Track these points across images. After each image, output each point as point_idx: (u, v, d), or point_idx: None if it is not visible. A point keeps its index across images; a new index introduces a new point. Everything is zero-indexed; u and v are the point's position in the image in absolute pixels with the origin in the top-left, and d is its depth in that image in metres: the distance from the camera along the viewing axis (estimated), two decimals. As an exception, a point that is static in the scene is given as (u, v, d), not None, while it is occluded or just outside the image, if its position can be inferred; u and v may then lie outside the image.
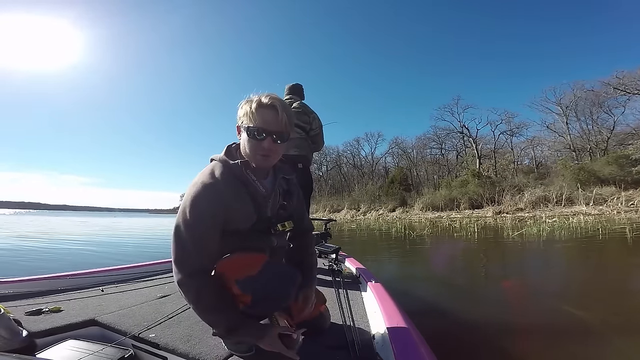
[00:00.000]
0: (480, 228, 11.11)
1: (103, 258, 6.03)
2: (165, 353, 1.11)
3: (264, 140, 1.02)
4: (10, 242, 8.86)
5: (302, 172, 2.59)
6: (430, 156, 40.47)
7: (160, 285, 2.02)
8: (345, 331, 1.21)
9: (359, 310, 1.52)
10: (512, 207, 21.21)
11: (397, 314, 1.29)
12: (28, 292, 1.73)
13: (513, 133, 33.75)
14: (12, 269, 4.51)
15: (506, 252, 6.38)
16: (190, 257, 0.96)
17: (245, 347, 1.05)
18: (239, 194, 1.04)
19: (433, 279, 4.11)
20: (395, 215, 26.96)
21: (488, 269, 4.90)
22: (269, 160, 1.07)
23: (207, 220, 0.98)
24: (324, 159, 49.31)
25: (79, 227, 17.30)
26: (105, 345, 1.13)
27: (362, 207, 32.78)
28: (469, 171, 29.70)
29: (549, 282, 3.82)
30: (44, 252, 6.84)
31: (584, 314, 2.46)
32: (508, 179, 26.97)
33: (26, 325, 1.21)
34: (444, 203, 25.80)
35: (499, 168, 31.91)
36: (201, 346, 1.10)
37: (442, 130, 38.24)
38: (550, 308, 2.69)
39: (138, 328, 1.24)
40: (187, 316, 1.38)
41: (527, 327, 2.27)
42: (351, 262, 2.63)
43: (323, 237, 3.50)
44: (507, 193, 22.61)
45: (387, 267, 5.13)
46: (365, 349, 1.09)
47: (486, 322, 2.38)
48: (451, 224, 14.25)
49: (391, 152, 44.06)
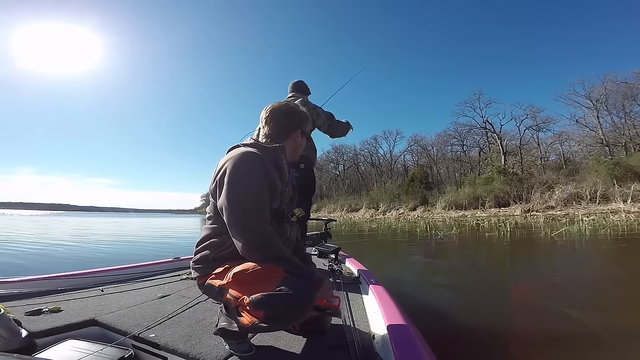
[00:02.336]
0: (512, 227, 10.59)
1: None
2: (165, 353, 1.12)
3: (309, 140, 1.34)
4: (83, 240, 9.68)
5: (305, 173, 2.61)
6: (451, 153, 39.66)
7: (160, 285, 2.04)
8: (345, 331, 1.23)
9: (359, 311, 1.55)
10: (541, 205, 20.26)
11: (397, 314, 1.31)
12: (28, 292, 1.75)
13: (539, 128, 32.51)
14: (13, 269, 4.62)
15: (555, 254, 6.02)
16: (259, 213, 1.06)
17: (245, 346, 1.07)
18: (274, 172, 1.14)
19: (480, 285, 3.84)
20: (416, 215, 26.44)
21: (536, 272, 4.56)
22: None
23: (259, 177, 1.09)
24: (341, 157, 49.06)
25: (119, 227, 18.25)
26: (105, 345, 1.14)
27: (381, 206, 32.37)
28: (494, 168, 28.83)
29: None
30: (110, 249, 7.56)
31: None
32: (536, 176, 25.79)
33: (26, 325, 1.22)
34: (468, 201, 25.03)
35: (525, 165, 30.59)
36: (201, 346, 1.12)
37: (463, 126, 37.52)
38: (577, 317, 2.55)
39: (138, 328, 1.26)
40: (187, 316, 1.41)
41: (534, 333, 2.25)
42: (351, 263, 2.64)
43: (323, 237, 3.45)
44: (536, 190, 21.59)
45: (419, 271, 4.86)
46: (365, 349, 1.11)
47: (489, 324, 2.40)
48: (479, 223, 13.72)
49: (410, 150, 43.50)
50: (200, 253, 1.17)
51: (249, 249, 1.03)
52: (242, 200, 1.05)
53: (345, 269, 2.43)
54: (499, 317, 2.60)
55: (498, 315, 2.65)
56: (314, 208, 43.38)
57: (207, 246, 1.16)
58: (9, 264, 5.34)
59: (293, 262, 1.06)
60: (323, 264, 2.58)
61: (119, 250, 7.65)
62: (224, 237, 1.11)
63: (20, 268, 4.66)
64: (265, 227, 1.06)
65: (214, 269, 1.10)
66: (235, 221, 1.05)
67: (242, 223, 1.05)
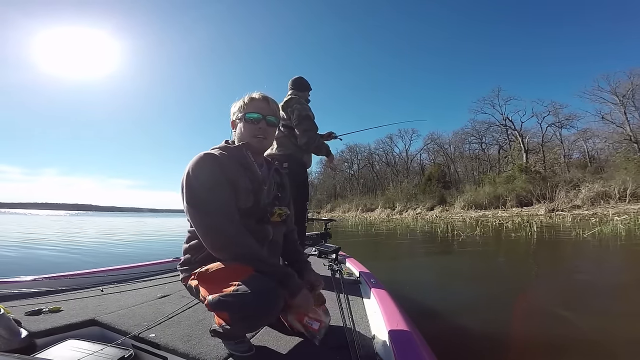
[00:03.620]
0: (539, 227, 10.27)
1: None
2: (165, 353, 1.14)
3: (259, 122, 1.22)
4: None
5: (291, 172, 2.35)
6: (469, 151, 38.92)
7: (160, 285, 2.05)
8: (345, 331, 1.24)
9: (359, 311, 1.55)
10: (567, 204, 19.57)
11: (397, 314, 1.31)
12: (28, 292, 1.77)
13: (562, 125, 31.42)
14: (13, 268, 4.69)
15: (589, 255, 5.81)
16: (218, 213, 1.05)
17: (244, 347, 1.08)
18: (239, 171, 1.13)
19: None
20: (434, 214, 26.06)
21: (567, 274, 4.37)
22: (264, 143, 1.25)
23: (215, 176, 1.07)
24: (355, 157, 48.83)
25: (146, 227, 18.92)
26: (105, 345, 1.15)
27: (397, 206, 32.02)
28: (516, 166, 28.04)
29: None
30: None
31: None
32: (559, 174, 24.92)
33: (26, 325, 1.24)
34: (488, 201, 24.47)
35: (548, 162, 29.62)
36: (201, 346, 1.13)
37: (481, 123, 36.70)
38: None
39: (138, 328, 1.27)
40: (187, 316, 1.42)
41: (546, 340, 2.19)
42: (351, 263, 2.66)
43: (323, 237, 3.46)
44: (560, 189, 20.87)
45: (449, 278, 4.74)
46: (365, 349, 1.11)
47: (491, 326, 2.39)
48: (502, 223, 13.37)
49: (427, 149, 42.85)
50: (184, 256, 1.21)
51: (214, 249, 1.06)
52: (199, 203, 1.07)
53: (345, 269, 2.45)
54: (507, 323, 2.55)
55: (507, 321, 2.60)
56: (328, 208, 43.32)
57: (188, 249, 1.19)
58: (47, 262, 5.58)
59: (263, 261, 1.06)
60: (323, 264, 2.58)
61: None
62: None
63: (21, 268, 4.73)
64: (226, 225, 1.05)
65: (196, 269, 1.13)
66: (197, 224, 1.08)
67: (204, 225, 1.06)
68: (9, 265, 5.29)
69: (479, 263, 5.66)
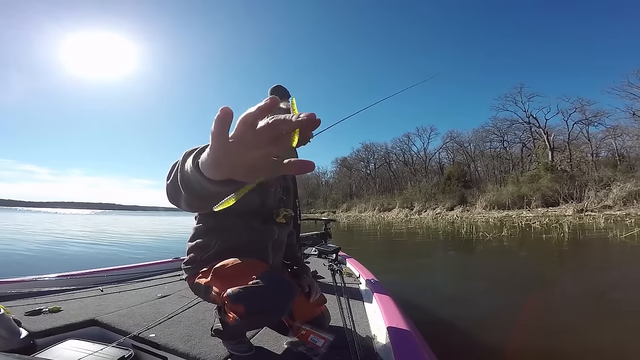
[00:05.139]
0: (570, 228, 9.87)
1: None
2: (165, 353, 1.16)
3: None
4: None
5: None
6: (490, 150, 37.70)
7: (160, 285, 2.08)
8: (345, 331, 1.25)
9: (359, 311, 1.57)
10: (597, 204, 18.72)
11: (397, 314, 1.32)
12: (28, 292, 1.80)
13: (589, 122, 30.10)
14: (13, 268, 4.77)
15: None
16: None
17: (244, 347, 1.10)
18: None
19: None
20: (454, 215, 25.53)
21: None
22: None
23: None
24: (371, 156, 48.44)
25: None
26: (105, 345, 1.17)
27: (415, 206, 31.52)
28: (541, 165, 27.05)
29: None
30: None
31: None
32: (587, 173, 23.86)
33: (26, 325, 1.26)
34: (512, 200, 23.67)
35: (575, 161, 28.43)
36: (201, 346, 1.15)
37: (503, 121, 35.60)
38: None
39: (138, 328, 1.30)
40: (187, 316, 1.45)
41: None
42: (351, 263, 2.67)
43: (323, 237, 3.50)
44: (590, 189, 19.98)
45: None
46: (365, 349, 1.12)
47: (492, 326, 2.39)
48: (529, 224, 12.95)
49: (445, 147, 41.95)
50: (189, 255, 1.21)
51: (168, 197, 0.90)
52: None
53: (346, 269, 2.46)
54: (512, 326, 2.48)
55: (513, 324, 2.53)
56: (344, 207, 43.20)
57: (193, 248, 1.19)
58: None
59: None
60: (323, 264, 2.59)
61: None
62: (208, 238, 1.16)
63: (21, 268, 4.79)
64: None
65: (202, 268, 1.14)
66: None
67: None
68: (39, 262, 5.51)
69: (506, 266, 5.51)
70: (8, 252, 6.35)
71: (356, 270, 2.39)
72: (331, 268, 2.28)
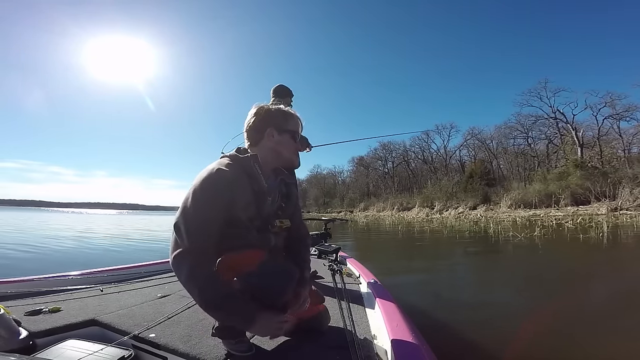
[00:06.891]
0: (609, 227, 9.46)
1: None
2: (165, 353, 1.17)
3: (296, 142, 1.26)
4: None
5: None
6: (514, 146, 36.70)
7: (160, 285, 2.09)
8: (345, 331, 1.26)
9: (358, 310, 1.56)
10: (632, 202, 17.84)
11: (397, 314, 1.32)
12: (28, 292, 1.81)
13: (621, 117, 28.82)
14: (12, 269, 4.82)
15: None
16: (192, 234, 1.03)
17: (244, 346, 1.11)
18: (243, 184, 1.14)
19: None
20: (478, 214, 24.94)
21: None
22: (297, 160, 1.32)
23: (214, 202, 1.06)
24: (389, 154, 47.95)
25: None
26: (105, 345, 1.18)
27: (436, 205, 30.95)
28: (569, 162, 26.06)
29: None
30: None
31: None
32: (620, 170, 22.74)
33: (26, 325, 1.28)
34: (539, 199, 22.87)
35: (605, 157, 27.17)
36: (201, 346, 1.15)
37: (527, 117, 34.67)
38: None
39: (138, 328, 1.30)
40: (187, 316, 1.46)
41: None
42: (351, 263, 2.67)
43: (323, 237, 3.49)
44: (624, 186, 19.05)
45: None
46: (365, 349, 1.12)
47: (492, 326, 2.37)
48: (561, 223, 12.48)
49: (466, 145, 41.11)
50: None
51: (182, 281, 1.04)
52: (187, 215, 1.03)
53: (345, 269, 2.46)
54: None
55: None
56: (361, 207, 42.98)
57: None
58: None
59: (235, 302, 1.01)
60: (323, 264, 2.58)
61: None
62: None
63: (21, 268, 4.83)
64: (196, 265, 1.02)
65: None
66: (173, 248, 1.07)
67: (178, 256, 1.05)
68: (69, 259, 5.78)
69: (544, 271, 5.09)
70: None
71: (356, 270, 2.39)
72: (331, 268, 2.29)
